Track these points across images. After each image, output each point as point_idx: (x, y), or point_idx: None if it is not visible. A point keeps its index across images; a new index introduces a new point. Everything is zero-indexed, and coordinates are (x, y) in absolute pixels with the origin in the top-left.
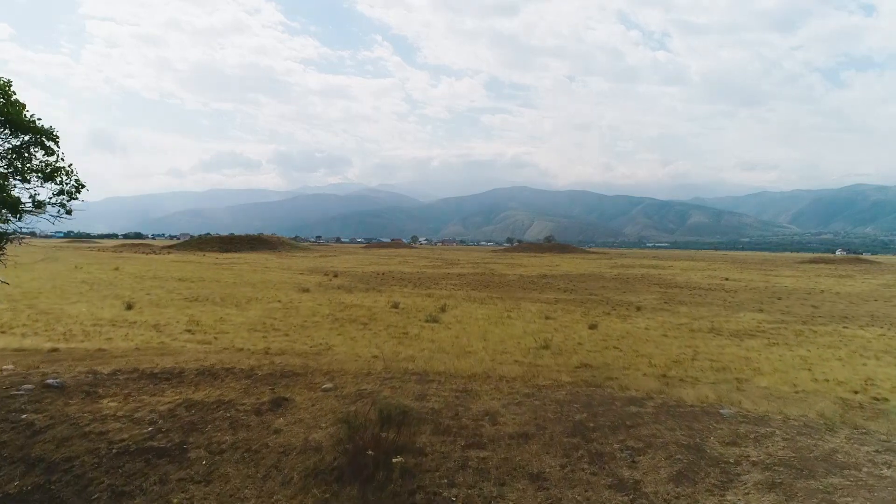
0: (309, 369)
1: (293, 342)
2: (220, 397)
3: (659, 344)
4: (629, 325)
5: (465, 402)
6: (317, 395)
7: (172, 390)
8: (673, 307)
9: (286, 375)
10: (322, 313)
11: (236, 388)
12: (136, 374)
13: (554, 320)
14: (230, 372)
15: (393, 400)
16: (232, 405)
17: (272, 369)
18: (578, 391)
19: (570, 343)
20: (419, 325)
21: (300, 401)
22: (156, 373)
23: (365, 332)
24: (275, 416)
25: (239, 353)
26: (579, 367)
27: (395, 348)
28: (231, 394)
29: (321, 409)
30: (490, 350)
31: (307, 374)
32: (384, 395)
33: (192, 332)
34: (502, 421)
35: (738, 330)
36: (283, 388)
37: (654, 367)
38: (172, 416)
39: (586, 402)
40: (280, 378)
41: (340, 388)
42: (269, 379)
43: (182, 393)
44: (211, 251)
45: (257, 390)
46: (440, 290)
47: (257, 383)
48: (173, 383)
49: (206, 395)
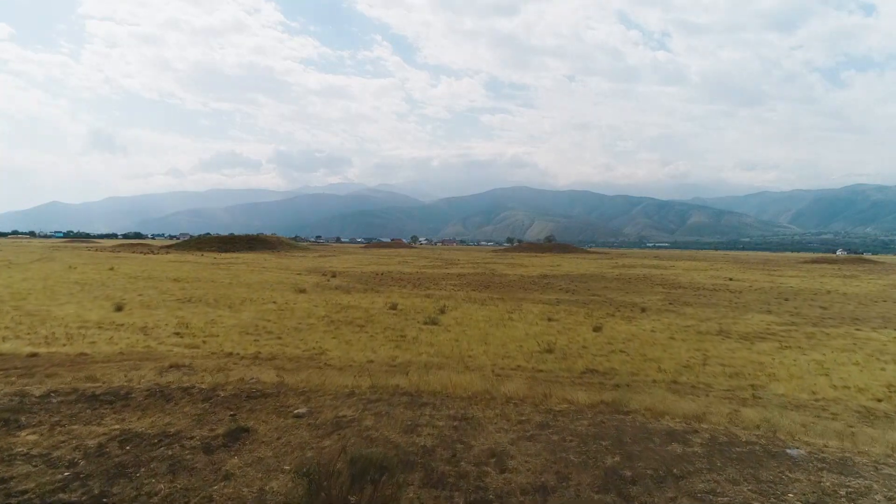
0: (282, 388)
1: (285, 346)
2: (166, 427)
3: (667, 347)
4: (634, 328)
5: (464, 436)
6: (286, 422)
7: (113, 417)
8: (678, 308)
9: (253, 396)
10: (317, 315)
11: (190, 413)
12: (73, 395)
13: (557, 322)
14: (187, 393)
15: (371, 446)
16: (178, 438)
17: (238, 388)
18: (604, 421)
19: (575, 346)
20: (417, 328)
21: (264, 431)
22: (98, 394)
23: (361, 334)
24: (229, 453)
25: (227, 359)
26: (585, 372)
27: (392, 353)
28: (181, 422)
29: (288, 443)
30: (491, 354)
31: (279, 395)
32: (365, 426)
33: (181, 336)
34: (512, 466)
35: (747, 332)
36: (247, 414)
37: (664, 372)
38: (100, 454)
39: (616, 436)
40: (245, 400)
41: (316, 414)
42: (232, 401)
43: (124, 421)
44: (209, 251)
45: (214, 417)
46: (440, 291)
47: (217, 407)
48: (116, 408)
49: (150, 423)
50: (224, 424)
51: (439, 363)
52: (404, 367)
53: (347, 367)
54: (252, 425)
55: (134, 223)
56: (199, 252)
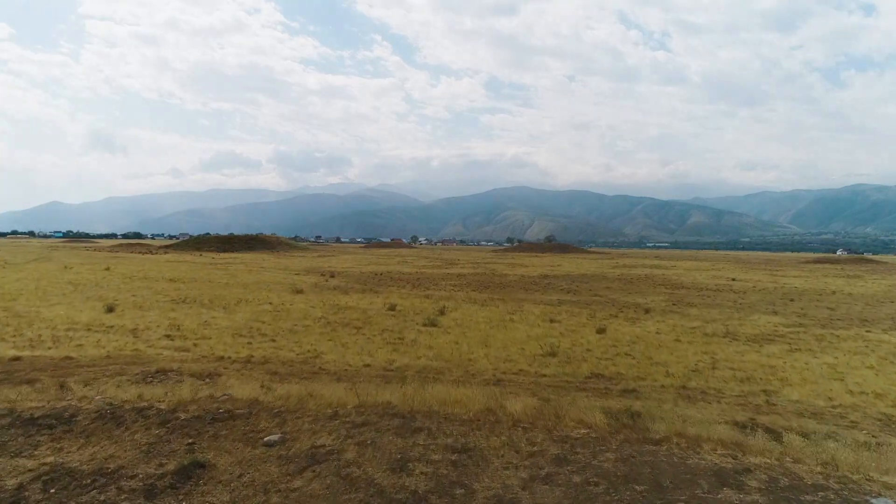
0: (256, 407)
1: (279, 349)
2: (105, 462)
3: (673, 350)
4: (639, 329)
5: (465, 475)
6: (253, 453)
7: (49, 446)
8: (682, 309)
9: (220, 419)
10: (314, 316)
11: (140, 442)
12: (8, 418)
13: (559, 324)
14: (142, 415)
15: (350, 492)
16: (117, 478)
17: (203, 408)
18: (633, 455)
19: (578, 349)
20: (416, 330)
21: (224, 466)
22: (37, 417)
23: (358, 337)
24: (176, 498)
25: (217, 363)
26: (590, 377)
27: (389, 356)
28: (127, 454)
29: (252, 482)
30: (492, 358)
31: (250, 416)
32: (345, 461)
33: (172, 338)
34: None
35: (754, 334)
36: (208, 442)
37: (672, 377)
38: (14, 502)
39: (652, 478)
40: (210, 424)
41: (290, 442)
42: (194, 426)
43: (60, 451)
44: (208, 251)
45: (168, 447)
46: (439, 292)
47: (174, 434)
48: (55, 434)
49: (90, 455)
50: (177, 457)
51: (438, 368)
52: (401, 371)
53: (342, 372)
54: (211, 458)
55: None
56: (197, 252)
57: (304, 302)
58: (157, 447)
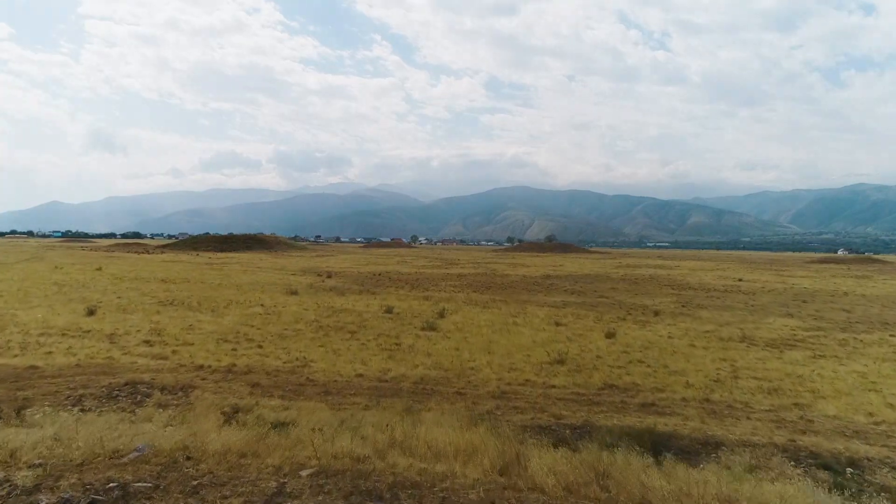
0: (166, 479)
1: (265, 356)
2: None
3: (689, 356)
4: (650, 333)
5: None
6: None
7: None
8: (693, 311)
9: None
10: (307, 319)
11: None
12: None
13: (565, 327)
14: None
15: None
16: None
17: (86, 481)
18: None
19: (588, 356)
20: (414, 334)
21: None
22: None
23: (352, 342)
24: None
25: (195, 373)
26: (603, 388)
27: (384, 364)
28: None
29: None
30: (496, 366)
31: (150, 499)
32: None
33: (151, 344)
34: None
35: (773, 339)
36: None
37: (692, 388)
38: None
39: None
40: None
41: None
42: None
43: None
44: (205, 251)
45: None
46: (439, 293)
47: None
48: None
49: None
50: None
51: (437, 378)
52: (397, 382)
53: (331, 384)
54: None
55: (134, 223)
56: (194, 252)
57: (297, 304)
58: None
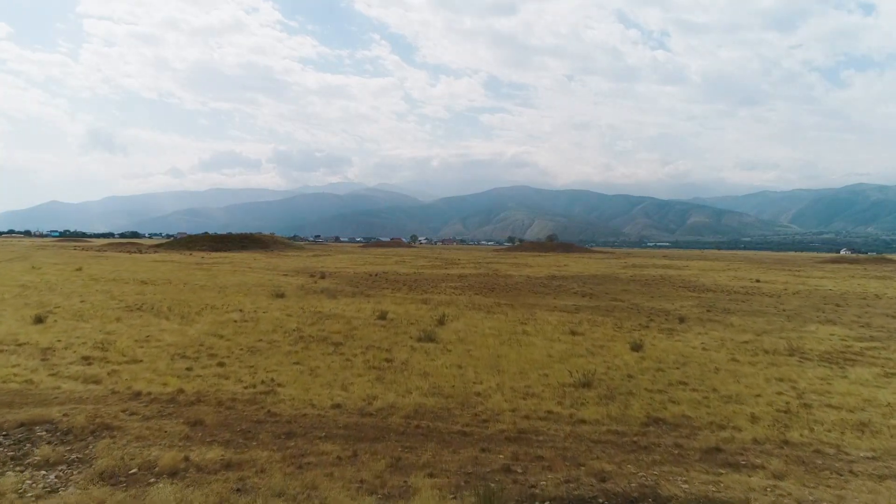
0: None
1: (224, 378)
2: None
3: (737, 375)
4: (680, 344)
5: None
6: None
7: None
8: (721, 317)
9: None
10: (286, 328)
11: None
12: None
13: (583, 337)
14: None
15: None
16: None
17: None
18: None
19: (617, 375)
20: (409, 346)
21: None
22: None
23: (335, 357)
24: None
25: (125, 404)
26: (648, 423)
27: (370, 389)
28: None
29: None
30: (508, 391)
31: None
32: None
33: (89, 362)
34: None
35: (826, 352)
36: None
37: (760, 423)
38: None
39: None
40: None
41: None
42: None
43: None
44: (200, 250)
45: None
46: (438, 295)
47: None
48: None
49: None
50: None
51: (435, 409)
52: (384, 417)
53: (298, 419)
54: None
55: (133, 223)
56: (188, 251)
57: (280, 309)
58: None
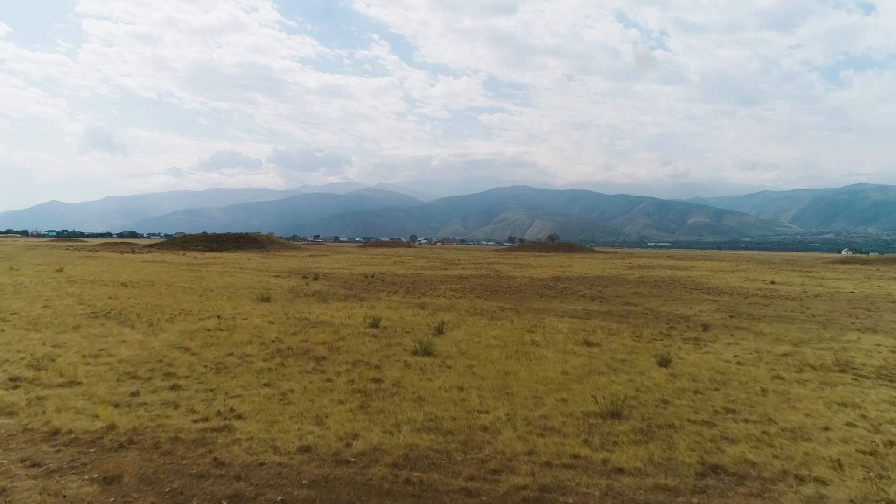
0: None
1: (174, 407)
2: None
3: (788, 398)
4: (712, 357)
5: None
6: None
7: None
8: (747, 324)
9: None
10: (264, 339)
11: None
12: None
13: (599, 348)
14: None
15: None
16: None
17: None
18: None
19: (649, 400)
20: (403, 361)
21: None
22: None
23: (314, 376)
24: None
25: (34, 448)
26: (703, 473)
27: (351, 423)
28: None
29: None
30: (521, 423)
31: None
32: None
33: (17, 384)
34: None
35: (880, 367)
36: None
37: (844, 472)
38: None
39: None
40: None
41: None
42: None
43: None
44: (194, 250)
45: None
46: (437, 299)
47: None
48: None
49: None
50: None
51: (431, 452)
52: (364, 466)
53: (247, 473)
54: None
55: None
56: (182, 251)
57: (262, 315)
58: None
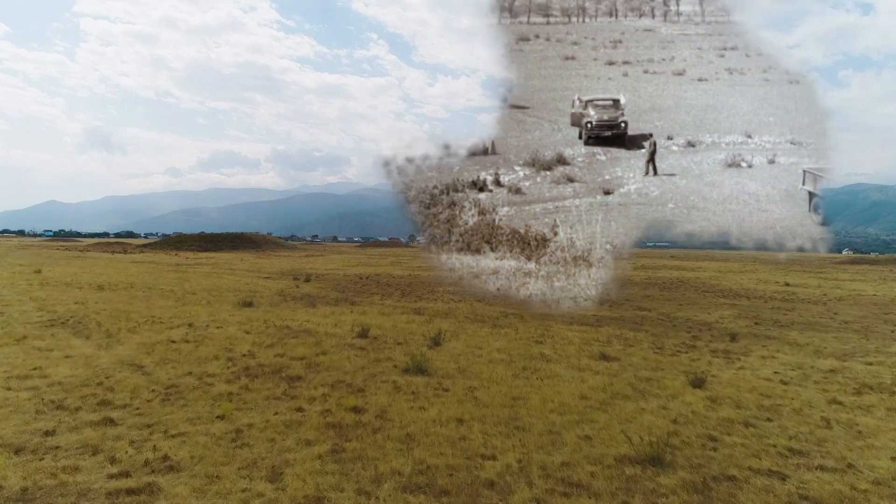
0: None
1: (91, 454)
2: None
3: (859, 431)
4: (749, 375)
5: None
6: None
7: None
8: (777, 332)
9: None
10: (234, 353)
11: None
12: None
13: (618, 363)
14: None
15: None
16: None
17: None
18: None
19: (692, 435)
20: (391, 382)
21: None
22: None
23: (280, 405)
24: None
25: None
26: None
27: (314, 479)
28: None
29: None
30: (537, 472)
31: None
32: None
33: None
34: None
35: None
36: None
37: None
38: None
39: None
40: None
41: None
42: None
43: None
44: (188, 250)
45: None
46: (434, 303)
47: None
48: None
49: None
50: None
51: None
52: None
53: None
54: None
55: (131, 223)
56: (175, 252)
57: (239, 323)
58: None
